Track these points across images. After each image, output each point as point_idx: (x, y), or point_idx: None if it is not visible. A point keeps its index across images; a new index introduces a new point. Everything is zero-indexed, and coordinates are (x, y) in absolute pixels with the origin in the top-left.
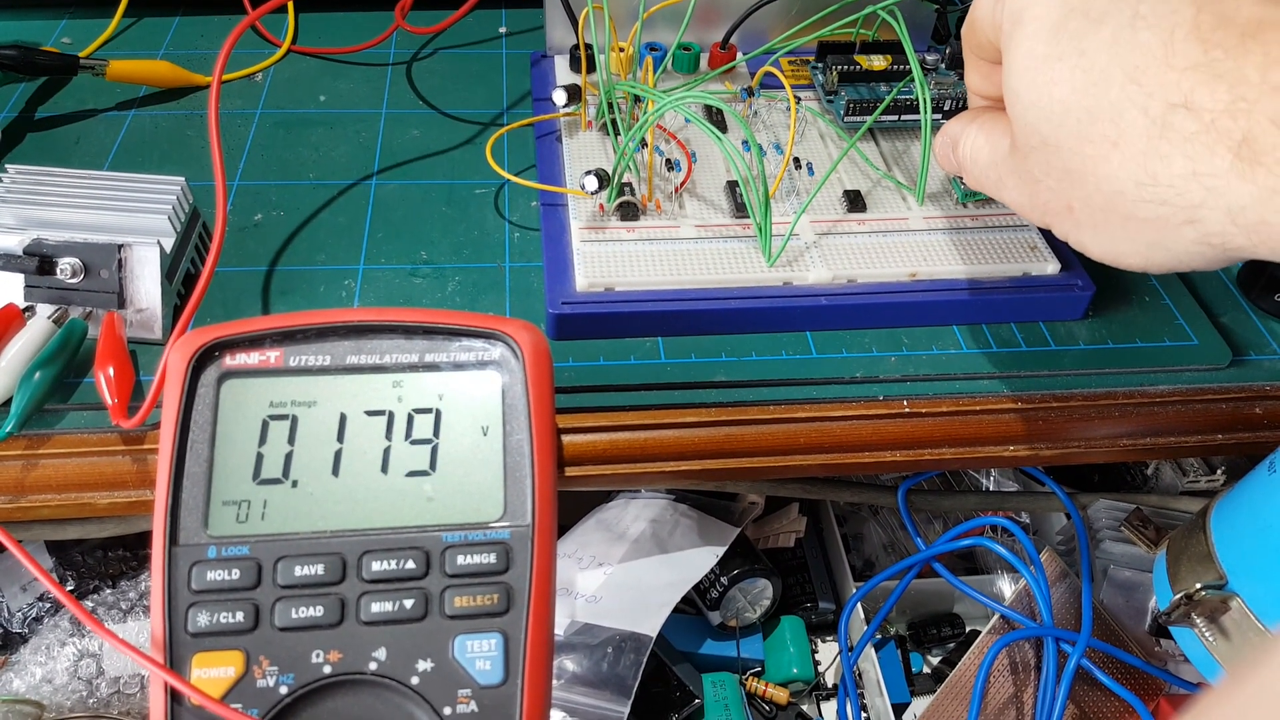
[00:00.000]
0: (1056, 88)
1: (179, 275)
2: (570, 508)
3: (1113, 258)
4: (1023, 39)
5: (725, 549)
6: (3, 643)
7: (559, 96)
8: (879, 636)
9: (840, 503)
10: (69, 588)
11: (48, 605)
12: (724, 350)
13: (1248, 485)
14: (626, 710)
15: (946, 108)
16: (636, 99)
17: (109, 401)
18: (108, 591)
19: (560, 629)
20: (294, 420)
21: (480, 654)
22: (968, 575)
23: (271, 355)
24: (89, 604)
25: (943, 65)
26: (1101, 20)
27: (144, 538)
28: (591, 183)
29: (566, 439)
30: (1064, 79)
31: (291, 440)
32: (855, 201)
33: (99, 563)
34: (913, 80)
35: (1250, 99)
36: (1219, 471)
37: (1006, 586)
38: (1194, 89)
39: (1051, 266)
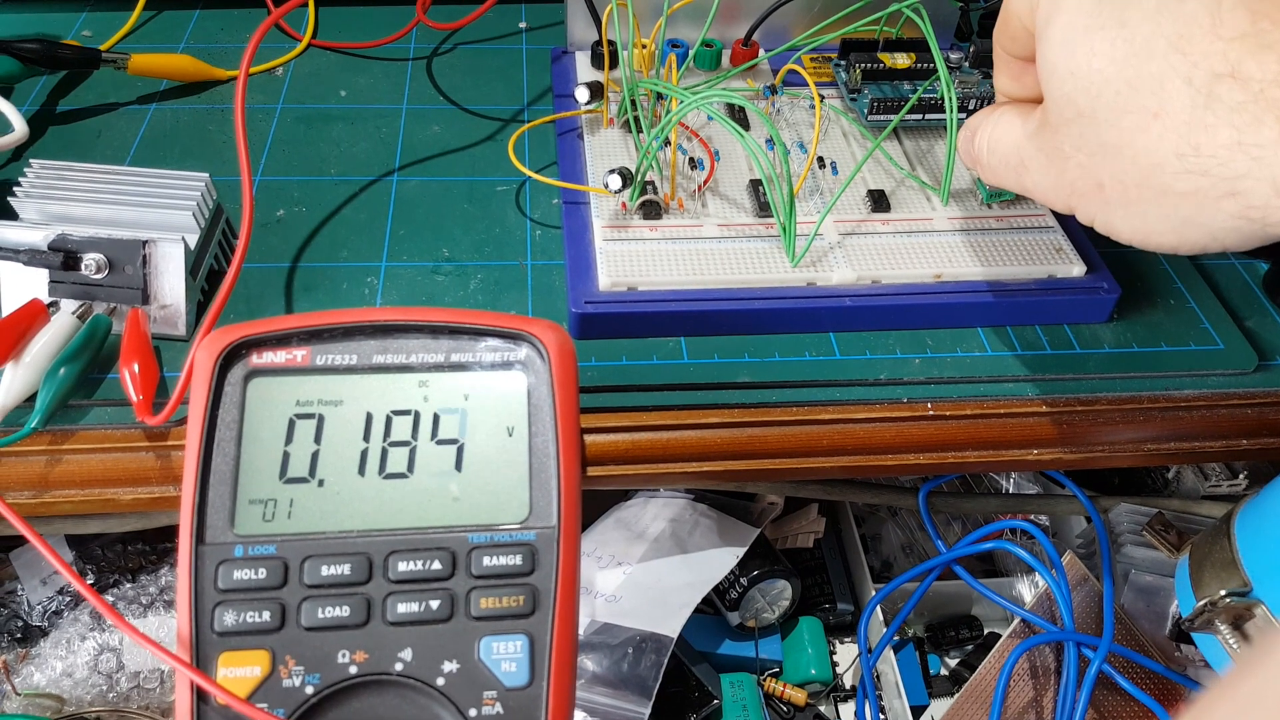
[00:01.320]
0: (1096, 59)
1: (203, 271)
2: (588, 505)
3: (1143, 237)
4: (1062, 12)
5: (745, 549)
6: (23, 636)
7: (581, 93)
8: (897, 638)
9: (860, 504)
10: (89, 582)
11: (68, 599)
12: (747, 351)
13: (1274, 491)
14: (647, 711)
15: (971, 106)
16: (659, 96)
17: (134, 398)
18: (127, 586)
19: (580, 628)
20: (320, 419)
21: (506, 656)
22: (987, 578)
23: (298, 354)
24: (109, 598)
25: (967, 63)
26: None
27: (164, 532)
28: (615, 181)
29: (589, 439)
30: (1104, 50)
31: (318, 439)
32: (879, 201)
33: (119, 557)
34: (937, 78)
35: None
36: (1241, 475)
37: (1026, 590)
38: (1242, 59)
39: (1077, 269)
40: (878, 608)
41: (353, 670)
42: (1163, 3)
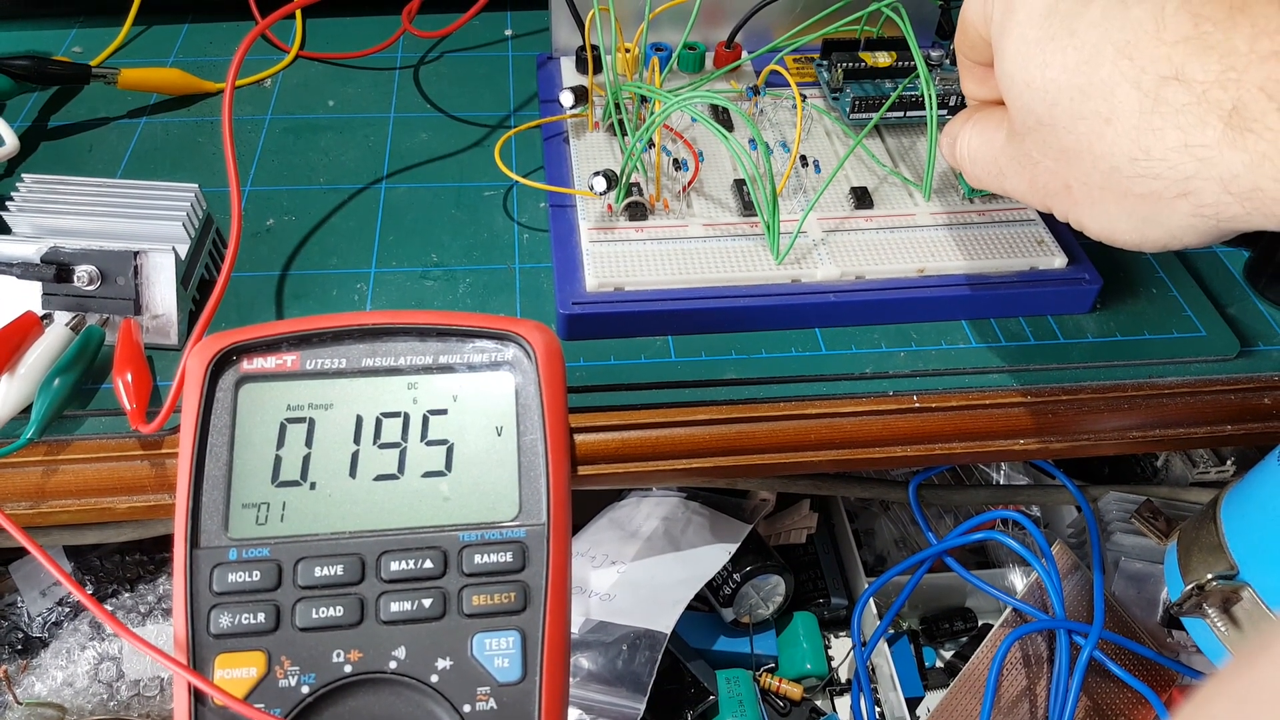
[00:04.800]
0: (1049, 69)
1: (194, 281)
2: (582, 506)
3: (1108, 235)
4: (1014, 25)
5: (737, 546)
6: (24, 647)
7: (566, 98)
8: (891, 631)
9: (851, 498)
10: (88, 592)
11: (67, 610)
12: (734, 348)
13: (1257, 476)
14: (642, 707)
15: (952, 103)
16: (643, 99)
17: (128, 407)
18: (126, 595)
19: (575, 627)
20: (311, 423)
21: (498, 652)
22: (979, 569)
23: (288, 359)
24: (108, 608)
25: (947, 61)
26: (1091, 0)
27: (161, 541)
28: (600, 184)
29: (579, 438)
30: (1056, 59)
31: (309, 443)
32: (862, 198)
33: (116, 567)
34: (918, 76)
35: (1239, 68)
36: (1228, 462)
37: (1018, 580)
38: (1185, 61)
39: (1059, 260)
40: (871, 601)
41: (348, 669)
42: (1109, 11)
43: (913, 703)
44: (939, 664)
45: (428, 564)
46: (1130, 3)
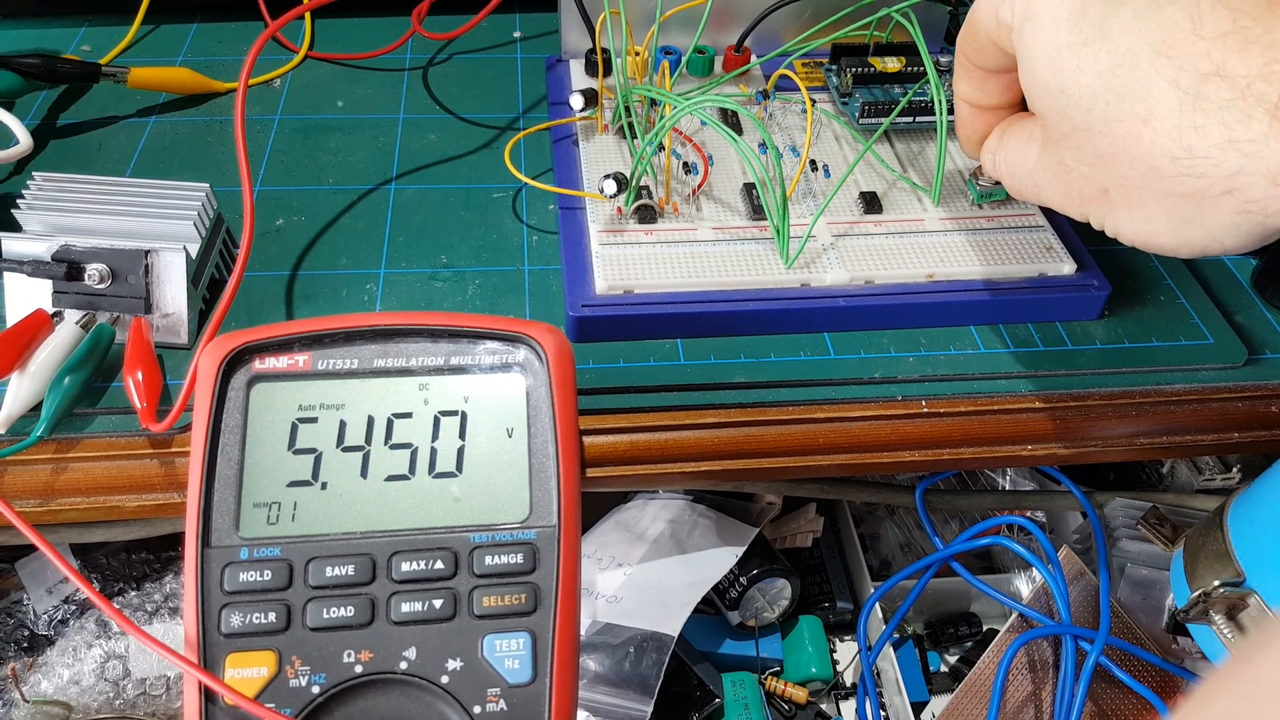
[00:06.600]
0: (1083, 73)
1: (204, 280)
2: (588, 508)
3: (1145, 239)
4: (1040, 30)
5: (744, 549)
6: (30, 645)
7: (576, 101)
8: (897, 636)
9: (857, 502)
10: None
11: (74, 608)
12: (742, 351)
13: (1265, 483)
14: (649, 710)
15: None
16: (653, 103)
17: (138, 405)
18: (132, 594)
19: (582, 629)
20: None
21: (509, 653)
22: (985, 574)
23: (300, 359)
24: (115, 606)
25: None
26: (1122, 1)
27: (168, 540)
28: (610, 186)
29: (587, 440)
30: (1089, 64)
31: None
32: (871, 203)
33: (123, 565)
34: (927, 82)
35: None
36: (1235, 469)
37: (1024, 585)
38: (1226, 57)
39: (1067, 267)
40: (876, 605)
41: (358, 670)
42: (1141, 11)
43: (918, 707)
44: (944, 669)
45: (439, 565)
46: (1164, 2)
